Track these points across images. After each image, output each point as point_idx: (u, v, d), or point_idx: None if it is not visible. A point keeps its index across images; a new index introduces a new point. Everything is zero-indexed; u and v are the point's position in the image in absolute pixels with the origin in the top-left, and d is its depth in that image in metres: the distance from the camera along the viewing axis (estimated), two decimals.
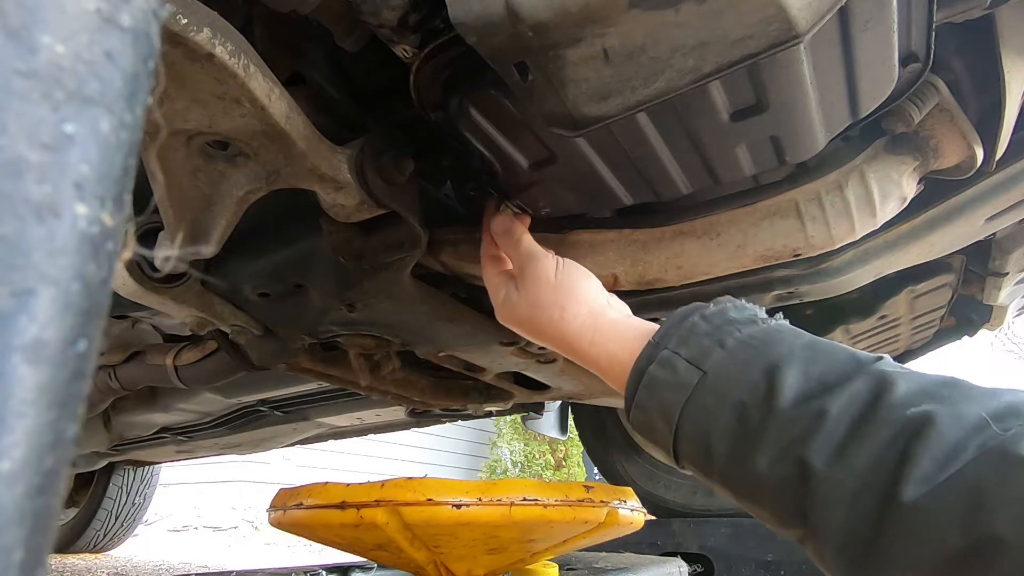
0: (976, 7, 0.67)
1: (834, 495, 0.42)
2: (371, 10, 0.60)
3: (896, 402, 0.42)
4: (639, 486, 2.11)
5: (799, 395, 0.45)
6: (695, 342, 0.51)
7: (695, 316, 0.53)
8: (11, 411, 0.13)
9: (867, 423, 0.42)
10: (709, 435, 0.48)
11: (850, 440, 0.42)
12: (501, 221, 0.76)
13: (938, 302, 1.26)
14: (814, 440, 0.43)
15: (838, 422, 0.43)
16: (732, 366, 0.48)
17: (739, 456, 0.47)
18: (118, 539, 3.30)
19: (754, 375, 0.47)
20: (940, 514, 0.37)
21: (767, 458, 0.45)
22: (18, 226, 0.13)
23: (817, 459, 0.42)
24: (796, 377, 0.46)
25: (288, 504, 0.58)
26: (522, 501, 0.54)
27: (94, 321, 0.15)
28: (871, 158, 0.81)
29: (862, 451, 0.41)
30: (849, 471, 0.41)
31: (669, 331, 0.53)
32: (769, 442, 0.45)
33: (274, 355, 1.08)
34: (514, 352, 1.19)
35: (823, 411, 0.43)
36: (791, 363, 0.46)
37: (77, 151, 0.15)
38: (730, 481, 0.48)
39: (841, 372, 0.45)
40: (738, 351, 0.49)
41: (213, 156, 0.67)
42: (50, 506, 0.14)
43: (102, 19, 0.15)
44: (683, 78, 0.56)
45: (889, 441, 0.40)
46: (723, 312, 0.53)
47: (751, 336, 0.50)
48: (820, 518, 0.43)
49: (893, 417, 0.41)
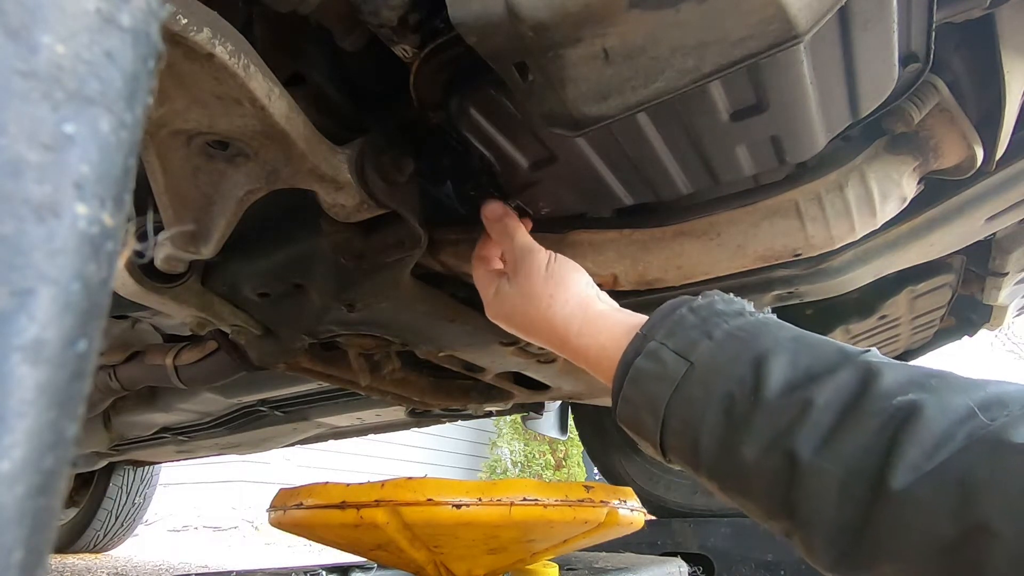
0: (976, 7, 0.67)
1: (822, 485, 0.42)
2: (371, 10, 0.60)
3: (883, 392, 0.42)
4: (639, 486, 2.11)
5: (786, 385, 0.45)
6: (683, 334, 0.51)
7: (683, 308, 0.53)
8: (11, 411, 0.13)
9: (854, 412, 0.42)
10: (696, 428, 0.48)
11: (837, 430, 0.42)
12: (494, 208, 0.76)
13: (938, 302, 1.26)
14: (801, 430, 0.43)
15: (824, 412, 0.43)
16: (720, 357, 0.48)
17: (726, 448, 0.47)
18: (118, 539, 3.30)
19: (741, 366, 0.47)
20: (930, 502, 0.37)
21: (754, 449, 0.45)
22: (18, 226, 0.13)
23: (804, 449, 0.42)
24: (783, 368, 0.46)
25: (288, 504, 0.58)
26: (522, 501, 0.54)
27: (94, 321, 0.15)
28: (871, 158, 0.81)
29: (849, 440, 0.41)
30: (836, 461, 0.41)
31: (657, 323, 0.53)
32: (756, 433, 0.45)
33: (274, 355, 1.08)
34: (514, 352, 1.19)
35: (809, 401, 0.43)
36: (778, 354, 0.47)
37: (77, 151, 0.15)
38: (717, 474, 0.48)
39: (828, 363, 0.45)
40: (726, 342, 0.49)
41: (213, 156, 0.67)
42: (50, 506, 0.14)
43: (102, 19, 0.15)
44: (683, 78, 0.56)
45: (876, 430, 0.40)
46: (711, 304, 0.53)
47: (739, 328, 0.50)
48: (809, 508, 0.42)
49: (880, 407, 0.41)
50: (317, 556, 3.44)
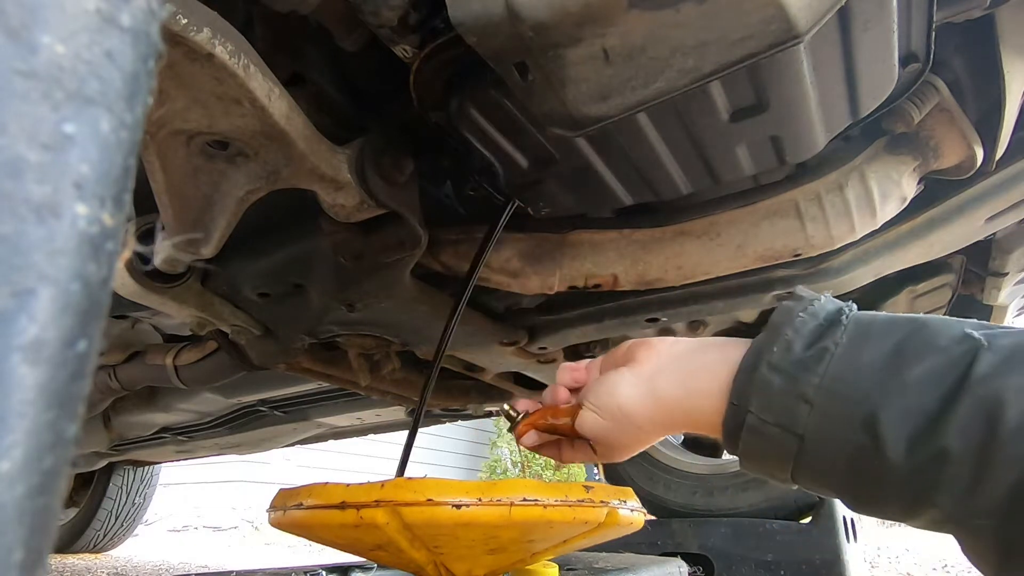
0: (976, 7, 0.67)
1: (980, 536, 0.41)
2: (371, 10, 0.60)
3: (1014, 430, 0.39)
4: (639, 486, 2.11)
5: (909, 440, 0.42)
6: (776, 403, 0.47)
7: (763, 368, 0.48)
8: (11, 411, 0.13)
9: (991, 463, 0.40)
10: (829, 488, 0.47)
11: (977, 483, 0.40)
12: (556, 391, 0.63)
13: (938, 302, 1.26)
14: (940, 489, 0.41)
15: (961, 465, 0.40)
16: (827, 426, 0.45)
17: (865, 504, 0.47)
18: (118, 539, 3.30)
19: (854, 433, 0.44)
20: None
21: (897, 510, 0.45)
22: (18, 226, 0.13)
23: (947, 504, 0.41)
24: (897, 424, 0.43)
25: (288, 504, 0.58)
26: (522, 501, 0.54)
27: (94, 321, 0.15)
28: (871, 158, 0.81)
29: (993, 491, 0.40)
30: (985, 513, 0.40)
31: (744, 388, 0.49)
32: (895, 496, 0.44)
33: (274, 355, 1.08)
34: (514, 352, 1.19)
35: (943, 452, 0.41)
36: (886, 406, 0.43)
37: (77, 151, 0.15)
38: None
39: (942, 395, 0.42)
40: (827, 406, 0.45)
41: (213, 156, 0.67)
42: (50, 506, 0.14)
43: (102, 19, 0.15)
44: (683, 78, 0.56)
45: (1018, 483, 0.39)
46: (788, 350, 0.47)
47: (832, 380, 0.45)
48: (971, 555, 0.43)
49: (1017, 453, 0.39)
50: (317, 556, 3.45)
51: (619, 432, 0.56)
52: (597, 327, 1.11)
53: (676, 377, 0.54)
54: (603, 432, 0.56)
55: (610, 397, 0.56)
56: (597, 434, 0.56)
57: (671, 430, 0.57)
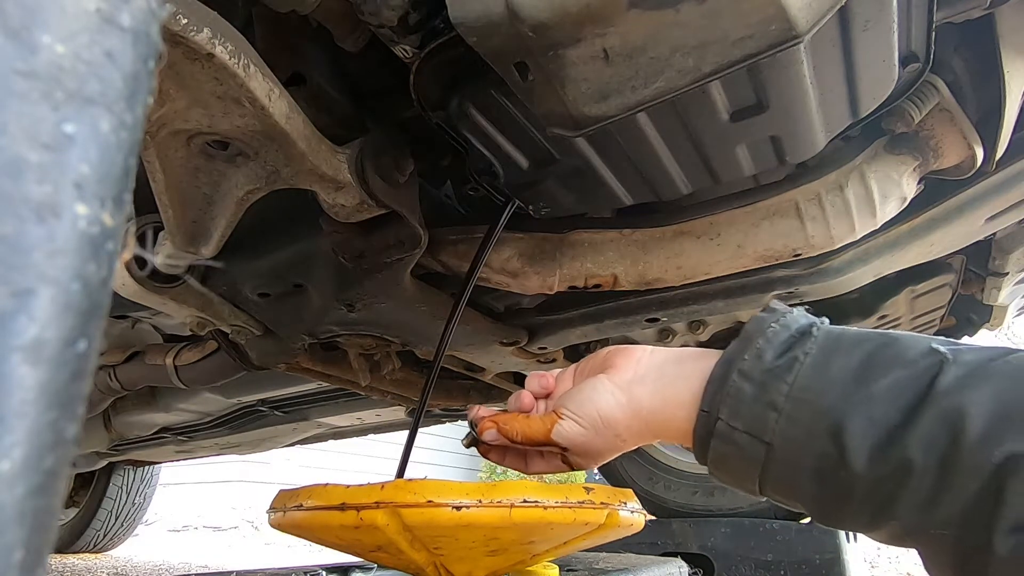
0: (976, 7, 0.67)
1: (937, 547, 0.41)
2: (371, 10, 0.60)
3: (975, 442, 0.39)
4: (639, 486, 2.11)
5: (871, 452, 0.43)
6: (746, 410, 0.47)
7: (734, 376, 0.48)
8: (11, 411, 0.13)
9: (952, 473, 0.40)
10: (795, 499, 0.48)
11: (938, 493, 0.41)
12: (528, 392, 0.64)
13: (938, 302, 1.26)
14: (902, 500, 0.42)
15: (923, 475, 0.41)
16: (793, 433, 0.46)
17: (830, 516, 0.47)
18: (118, 539, 3.30)
19: (820, 442, 0.45)
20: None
21: (860, 522, 0.45)
22: (18, 226, 0.13)
23: (907, 515, 0.42)
24: (861, 433, 0.43)
25: (288, 505, 0.58)
26: (522, 503, 0.54)
27: (94, 321, 0.15)
28: (871, 158, 0.81)
29: (953, 502, 0.40)
30: (944, 523, 0.40)
31: (714, 395, 0.49)
32: (857, 507, 0.44)
33: (274, 355, 1.08)
34: (514, 352, 1.19)
35: (906, 462, 0.41)
36: (851, 415, 0.44)
37: (77, 151, 0.15)
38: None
39: (906, 406, 0.43)
40: (795, 413, 0.46)
41: (213, 156, 0.67)
42: (50, 506, 0.14)
43: (102, 19, 0.15)
44: (683, 78, 0.56)
45: (977, 492, 0.39)
46: (759, 358, 0.48)
47: (801, 389, 0.46)
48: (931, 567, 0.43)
49: (977, 463, 0.39)
50: (317, 556, 3.44)
51: (598, 440, 0.56)
52: (597, 327, 1.11)
53: (654, 387, 0.55)
54: (582, 440, 0.56)
55: (591, 404, 0.56)
56: (576, 442, 0.56)
57: (647, 439, 0.57)
